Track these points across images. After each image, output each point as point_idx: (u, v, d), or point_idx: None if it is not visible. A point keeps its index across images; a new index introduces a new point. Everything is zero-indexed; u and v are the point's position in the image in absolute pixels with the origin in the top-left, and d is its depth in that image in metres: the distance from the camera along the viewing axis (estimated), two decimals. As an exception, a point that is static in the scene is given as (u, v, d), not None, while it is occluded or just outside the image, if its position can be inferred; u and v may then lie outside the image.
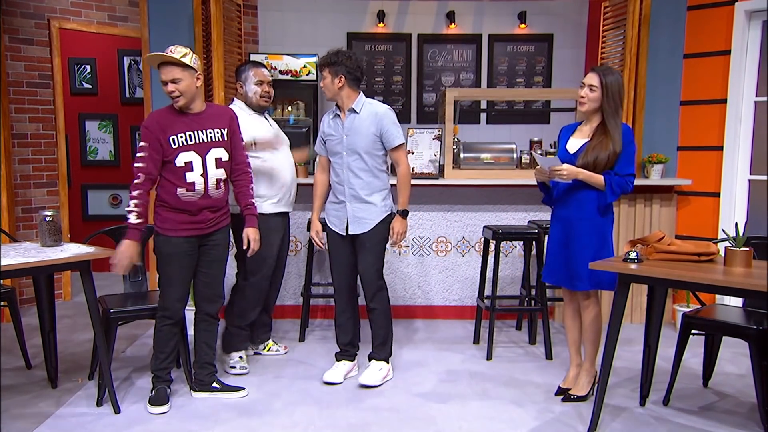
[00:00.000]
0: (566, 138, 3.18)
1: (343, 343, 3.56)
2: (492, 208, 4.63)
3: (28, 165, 4.97)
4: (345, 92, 3.34)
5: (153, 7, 4.53)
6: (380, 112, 3.36)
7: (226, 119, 3.12)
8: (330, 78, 3.31)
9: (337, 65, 3.28)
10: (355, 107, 3.35)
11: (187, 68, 2.93)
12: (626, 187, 3.00)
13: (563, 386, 3.32)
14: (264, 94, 3.59)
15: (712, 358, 3.44)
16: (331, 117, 3.46)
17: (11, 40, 4.82)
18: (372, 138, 3.33)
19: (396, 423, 2.99)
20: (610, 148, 2.96)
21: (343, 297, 3.53)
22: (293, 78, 5.68)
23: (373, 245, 3.40)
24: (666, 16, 4.56)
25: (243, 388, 3.29)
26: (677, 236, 4.54)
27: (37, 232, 4.72)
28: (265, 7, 5.94)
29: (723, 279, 2.52)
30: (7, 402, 3.16)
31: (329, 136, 3.44)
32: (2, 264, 2.70)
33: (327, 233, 3.52)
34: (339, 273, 3.50)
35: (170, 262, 3.05)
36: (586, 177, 2.99)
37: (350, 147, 3.35)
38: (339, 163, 3.39)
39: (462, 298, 4.72)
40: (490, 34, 6.17)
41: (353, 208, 3.38)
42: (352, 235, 3.40)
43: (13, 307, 3.60)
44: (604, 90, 2.97)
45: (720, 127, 4.43)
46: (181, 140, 2.97)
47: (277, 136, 3.68)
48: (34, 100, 5.00)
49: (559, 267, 3.16)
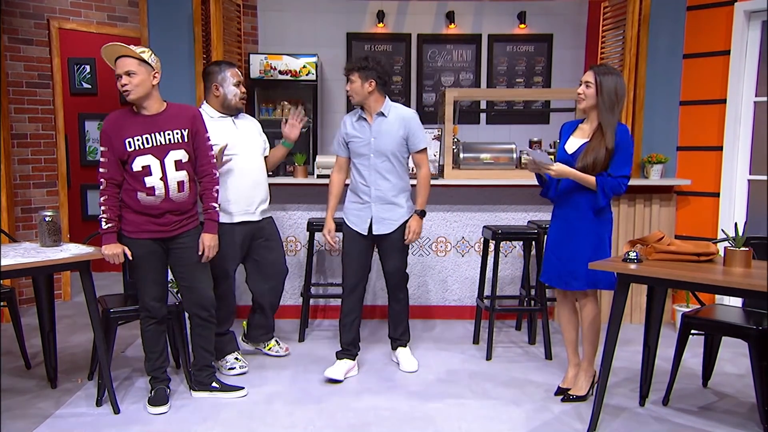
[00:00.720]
0: (567, 135, 3.19)
1: (346, 342, 3.58)
2: (491, 208, 4.63)
3: (28, 165, 4.97)
4: (374, 96, 3.44)
5: (152, 7, 4.53)
6: (408, 115, 3.50)
7: (188, 119, 3.01)
8: (360, 82, 3.39)
9: (368, 70, 3.38)
10: (383, 111, 3.45)
11: (144, 63, 2.88)
12: (619, 189, 2.99)
13: (563, 386, 3.32)
14: (242, 95, 3.53)
15: (711, 358, 3.44)
16: (356, 119, 3.50)
17: (11, 40, 4.82)
18: (400, 141, 3.45)
19: (395, 423, 2.98)
20: (604, 146, 2.96)
21: (353, 297, 3.57)
22: (293, 78, 5.68)
23: (402, 245, 3.56)
24: (665, 16, 4.56)
25: (242, 388, 3.28)
26: (677, 236, 4.54)
27: (36, 232, 4.72)
28: (265, 7, 5.94)
29: (722, 279, 2.52)
30: (7, 402, 3.16)
31: (354, 138, 3.48)
32: (2, 264, 2.70)
33: (344, 233, 3.57)
34: (353, 272, 3.54)
35: (139, 263, 3.04)
36: (577, 177, 2.99)
37: (378, 149, 3.43)
38: (365, 165, 3.45)
39: (461, 298, 4.72)
40: (489, 34, 6.17)
41: (378, 209, 3.47)
42: (373, 235, 3.49)
43: (12, 307, 3.60)
44: (599, 87, 2.98)
45: (719, 127, 4.43)
46: (137, 143, 2.91)
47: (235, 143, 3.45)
48: (33, 100, 5.00)
49: (555, 267, 3.17)
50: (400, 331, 3.74)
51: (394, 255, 3.56)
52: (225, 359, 3.60)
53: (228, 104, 3.48)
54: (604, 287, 3.08)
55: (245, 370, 3.57)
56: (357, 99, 3.45)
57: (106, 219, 2.96)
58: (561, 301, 3.29)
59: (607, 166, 2.98)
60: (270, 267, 3.66)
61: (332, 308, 4.71)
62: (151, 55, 2.95)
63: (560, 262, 3.14)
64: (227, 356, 3.61)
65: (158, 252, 3.05)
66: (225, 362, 3.59)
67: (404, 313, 3.72)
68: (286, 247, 4.64)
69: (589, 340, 3.19)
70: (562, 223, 3.15)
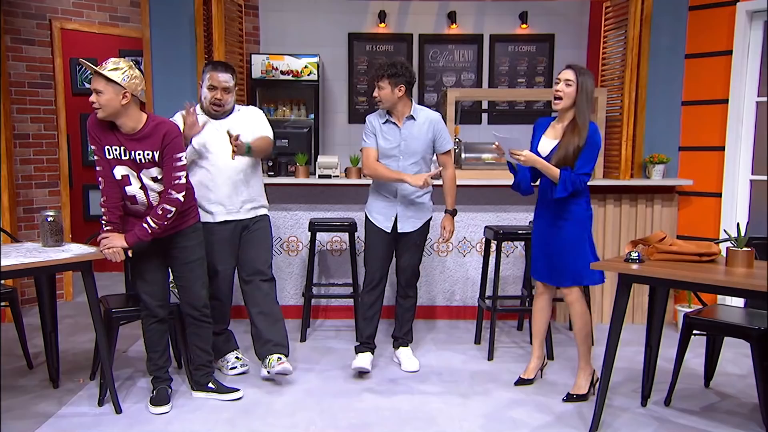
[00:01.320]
0: (540, 134, 3.22)
1: (368, 335, 3.65)
2: (493, 208, 4.63)
3: (30, 165, 4.98)
4: (402, 101, 3.48)
5: (154, 7, 4.54)
6: (435, 117, 3.56)
7: (158, 140, 2.88)
8: (390, 88, 3.42)
9: (398, 76, 3.41)
10: (413, 114, 3.50)
11: (111, 82, 2.78)
12: (578, 185, 3.04)
13: (524, 377, 3.42)
14: (214, 101, 3.30)
15: (713, 358, 3.43)
16: (383, 122, 3.53)
17: (13, 40, 4.82)
18: (428, 142, 3.53)
19: (397, 423, 2.98)
20: (575, 143, 3.01)
21: (376, 291, 3.63)
22: (295, 78, 5.67)
23: (421, 242, 3.66)
24: (667, 16, 4.56)
25: (238, 390, 3.27)
26: (678, 236, 4.54)
27: (38, 232, 4.74)
28: (267, 7, 5.94)
29: (725, 279, 2.52)
30: (9, 402, 3.17)
31: (383, 140, 3.52)
32: (4, 264, 2.70)
33: (368, 228, 3.61)
34: (377, 267, 3.59)
35: (137, 263, 3.06)
36: (543, 167, 3.04)
37: (407, 151, 3.50)
38: (393, 166, 3.50)
39: (463, 298, 4.71)
40: (491, 34, 6.16)
41: (403, 208, 3.55)
42: (397, 232, 3.54)
43: (14, 307, 3.60)
44: (579, 86, 3.02)
45: (721, 128, 4.43)
46: (115, 152, 2.90)
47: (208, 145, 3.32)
48: (35, 100, 5.01)
49: (543, 264, 3.25)
50: (404, 330, 3.77)
51: (411, 251, 3.63)
52: (225, 359, 3.60)
53: (202, 106, 3.38)
54: (589, 282, 3.16)
55: (246, 368, 3.58)
56: (386, 105, 3.48)
57: (106, 221, 2.97)
58: (540, 293, 3.35)
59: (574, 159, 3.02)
60: (247, 265, 3.50)
61: (333, 308, 4.71)
62: (125, 73, 2.80)
63: (546, 258, 3.22)
64: (227, 355, 3.61)
65: (156, 251, 3.06)
66: (225, 362, 3.59)
67: (412, 312, 3.77)
68: (287, 247, 4.65)
69: (581, 339, 3.21)
70: (544, 221, 3.22)
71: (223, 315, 3.58)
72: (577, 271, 3.11)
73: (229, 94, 3.34)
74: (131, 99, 2.81)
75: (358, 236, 4.29)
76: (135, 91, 2.82)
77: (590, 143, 3.02)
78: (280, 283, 4.66)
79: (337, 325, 4.59)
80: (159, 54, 4.64)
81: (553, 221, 3.16)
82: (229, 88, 3.33)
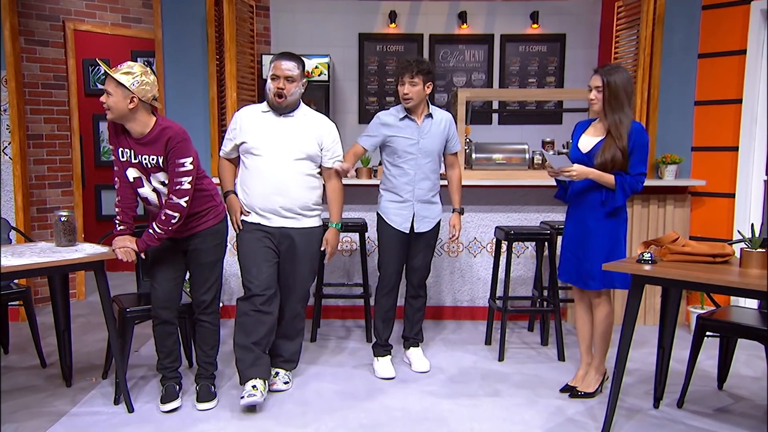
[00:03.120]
0: (579, 134, 3.20)
1: (386, 338, 3.67)
2: (504, 208, 4.61)
3: (43, 165, 5.02)
4: (426, 100, 3.51)
5: (166, 8, 4.56)
6: (449, 117, 3.61)
7: (162, 145, 2.86)
8: (422, 85, 3.42)
9: (429, 73, 3.44)
10: (432, 112, 3.52)
11: (120, 86, 2.78)
12: (636, 187, 3.01)
13: (571, 384, 3.34)
14: (277, 91, 3.13)
15: (726, 360, 3.40)
16: (400, 118, 3.50)
17: (27, 41, 4.87)
18: (443, 142, 3.56)
19: (408, 424, 2.98)
20: (619, 142, 2.97)
21: (393, 294, 3.63)
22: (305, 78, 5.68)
23: (434, 241, 3.68)
24: (680, 15, 4.52)
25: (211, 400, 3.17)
26: (691, 237, 4.51)
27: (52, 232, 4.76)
28: (278, 7, 5.96)
29: (738, 281, 2.50)
30: (23, 400, 3.20)
31: (400, 138, 3.48)
32: (18, 264, 2.73)
33: (383, 231, 3.58)
34: (393, 270, 3.60)
35: (153, 259, 3.09)
36: (597, 177, 3.00)
37: (426, 149, 3.49)
38: (411, 164, 3.49)
39: (473, 298, 4.71)
40: (502, 34, 6.15)
41: (419, 208, 3.55)
42: (414, 233, 3.54)
43: (28, 306, 3.64)
44: (606, 89, 3.00)
45: (735, 128, 4.39)
46: (127, 155, 2.92)
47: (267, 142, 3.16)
48: (49, 101, 5.05)
49: (573, 265, 3.19)
50: (415, 331, 3.77)
51: (425, 251, 3.63)
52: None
53: (267, 98, 3.22)
54: (621, 287, 3.08)
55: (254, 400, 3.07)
56: (415, 101, 3.44)
57: (119, 221, 3.00)
58: (578, 300, 3.30)
59: (623, 163, 2.98)
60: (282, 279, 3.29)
61: (344, 308, 4.72)
62: (135, 78, 2.79)
63: (578, 261, 3.15)
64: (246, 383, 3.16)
65: (174, 250, 3.07)
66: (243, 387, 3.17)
67: (422, 311, 3.77)
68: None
69: (601, 338, 3.21)
70: (578, 223, 3.16)
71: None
72: (609, 274, 3.04)
73: (294, 84, 3.15)
74: (139, 104, 2.80)
75: (368, 236, 4.29)
76: (144, 96, 2.81)
77: (639, 143, 2.98)
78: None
79: (348, 325, 4.60)
80: (171, 55, 4.66)
81: (588, 222, 3.10)
82: (293, 77, 3.15)
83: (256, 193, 3.18)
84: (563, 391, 3.32)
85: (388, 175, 3.58)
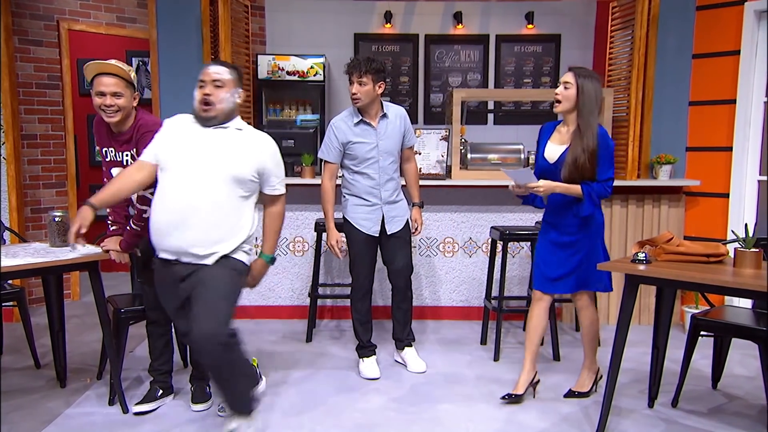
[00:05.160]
0: (545, 139, 3.12)
1: (368, 339, 3.65)
2: (499, 208, 4.62)
3: (38, 166, 5.00)
4: (378, 100, 3.44)
5: (161, 8, 4.55)
6: (402, 112, 3.55)
7: (133, 141, 2.85)
8: (372, 85, 3.35)
9: (380, 72, 3.37)
10: (386, 112, 3.47)
11: (131, 86, 2.78)
12: (605, 194, 2.98)
13: (514, 392, 3.19)
14: (203, 98, 2.60)
15: (721, 359, 3.42)
16: (354, 123, 3.42)
17: (21, 41, 4.85)
18: (401, 139, 3.52)
19: (403, 424, 2.98)
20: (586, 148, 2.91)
21: (368, 296, 3.62)
22: (300, 79, 5.68)
23: (407, 239, 3.62)
24: (675, 16, 4.54)
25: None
26: (686, 237, 4.52)
27: (46, 232, 4.75)
28: (273, 7, 5.95)
29: (732, 280, 2.51)
30: (17, 401, 3.18)
31: (358, 143, 3.42)
32: (13, 264, 2.72)
33: (352, 236, 3.52)
34: (367, 274, 3.57)
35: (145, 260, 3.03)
36: (564, 190, 2.95)
37: (386, 150, 3.46)
38: (374, 168, 3.45)
39: (469, 298, 4.71)
40: (497, 34, 6.15)
41: (387, 209, 3.51)
42: (383, 235, 3.51)
43: (22, 306, 3.63)
44: (579, 89, 2.94)
45: (729, 128, 4.40)
46: (109, 154, 2.91)
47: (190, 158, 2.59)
48: (43, 101, 5.03)
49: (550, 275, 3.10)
50: (407, 332, 3.75)
51: (403, 251, 3.58)
52: None
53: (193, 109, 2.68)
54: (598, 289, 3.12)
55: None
56: (365, 101, 3.36)
57: (111, 221, 2.98)
58: (537, 300, 3.17)
59: (591, 170, 2.92)
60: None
61: (339, 308, 4.71)
62: (131, 74, 2.85)
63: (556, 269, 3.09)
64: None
65: None
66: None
67: (411, 311, 3.75)
68: (293, 248, 4.65)
69: (589, 340, 3.23)
70: (554, 233, 3.11)
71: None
72: (589, 277, 3.06)
73: (223, 89, 2.60)
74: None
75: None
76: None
77: (603, 147, 2.93)
78: (287, 283, 4.68)
79: (343, 325, 4.59)
80: (166, 54, 4.65)
81: (566, 232, 3.06)
82: (223, 82, 2.61)
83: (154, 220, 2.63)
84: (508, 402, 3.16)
85: (350, 180, 3.51)
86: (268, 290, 4.68)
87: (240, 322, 4.56)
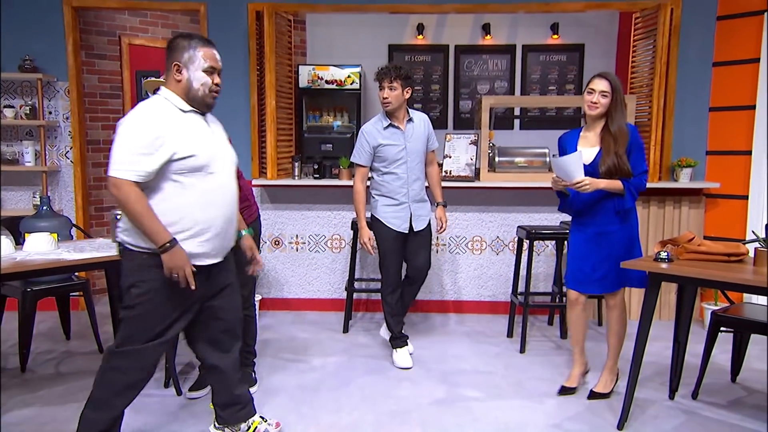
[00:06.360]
0: (572, 147, 3.02)
1: (400, 330, 3.65)
2: (525, 209, 4.58)
3: (101, 168, 5.12)
4: (406, 104, 3.49)
5: (212, 23, 4.63)
6: (425, 118, 3.60)
7: None
8: (401, 90, 3.40)
9: (408, 79, 3.42)
10: (412, 116, 3.51)
11: None
12: (642, 186, 2.95)
13: (567, 385, 3.17)
14: (215, 88, 2.32)
15: (740, 354, 3.33)
16: (384, 127, 3.46)
17: (87, 55, 4.99)
18: (425, 142, 3.56)
19: (435, 411, 2.98)
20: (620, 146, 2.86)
21: (398, 291, 3.62)
22: (338, 87, 5.72)
23: (430, 237, 3.64)
24: (696, 25, 4.43)
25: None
26: (705, 237, 4.41)
27: (108, 229, 4.88)
28: (314, 21, 6.01)
29: (752, 278, 2.45)
30: (83, 382, 3.27)
31: (388, 146, 3.45)
32: (78, 258, 2.80)
33: (383, 234, 3.53)
34: (396, 269, 3.59)
35: None
36: (607, 185, 2.88)
37: (413, 151, 3.49)
38: (403, 169, 3.47)
39: (495, 294, 4.67)
40: (523, 44, 6.11)
41: (415, 208, 3.53)
42: (410, 232, 3.52)
43: (87, 296, 3.74)
44: (615, 95, 2.89)
45: (748, 133, 4.29)
46: None
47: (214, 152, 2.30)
48: (105, 109, 5.17)
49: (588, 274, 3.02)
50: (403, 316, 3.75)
51: (425, 249, 3.60)
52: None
53: (193, 96, 2.28)
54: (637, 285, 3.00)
55: None
56: (394, 105, 3.41)
57: None
58: (575, 302, 3.11)
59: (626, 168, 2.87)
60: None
61: (373, 302, 4.73)
62: None
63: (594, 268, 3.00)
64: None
65: None
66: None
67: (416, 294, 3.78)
68: (331, 245, 4.68)
69: (619, 340, 3.11)
70: (590, 232, 3.00)
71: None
72: (628, 272, 2.93)
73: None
74: None
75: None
76: None
77: (637, 143, 2.93)
78: (325, 278, 4.71)
79: (378, 317, 4.61)
80: (216, 66, 4.72)
81: (605, 222, 2.96)
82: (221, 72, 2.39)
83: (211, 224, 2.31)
84: (560, 394, 3.15)
85: (380, 181, 3.52)
86: (308, 284, 4.72)
87: (282, 313, 4.63)
